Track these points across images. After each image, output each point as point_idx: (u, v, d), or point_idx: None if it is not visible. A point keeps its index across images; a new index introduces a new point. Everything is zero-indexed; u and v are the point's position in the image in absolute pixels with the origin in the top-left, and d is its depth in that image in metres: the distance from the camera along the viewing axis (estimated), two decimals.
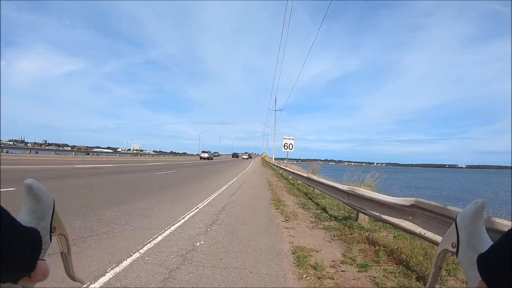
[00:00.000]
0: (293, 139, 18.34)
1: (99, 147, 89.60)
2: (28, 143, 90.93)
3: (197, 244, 3.57)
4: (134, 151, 74.57)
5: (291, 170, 14.00)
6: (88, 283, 2.39)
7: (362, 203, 4.32)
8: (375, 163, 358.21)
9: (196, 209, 5.73)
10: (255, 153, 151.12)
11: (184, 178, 12.19)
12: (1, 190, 5.56)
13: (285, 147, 18.12)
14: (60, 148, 64.27)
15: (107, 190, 7.29)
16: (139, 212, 5.04)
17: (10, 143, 68.07)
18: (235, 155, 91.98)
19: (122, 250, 3.16)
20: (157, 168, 16.66)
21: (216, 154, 71.41)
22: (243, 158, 74.79)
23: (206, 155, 49.37)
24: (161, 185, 9.11)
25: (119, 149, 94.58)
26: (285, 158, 21.86)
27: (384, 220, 3.59)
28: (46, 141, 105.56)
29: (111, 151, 67.43)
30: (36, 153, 30.38)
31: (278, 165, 27.17)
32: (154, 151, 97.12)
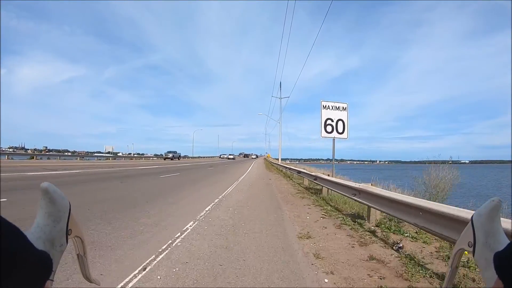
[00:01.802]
0: (345, 108, 7.70)
1: (100, 152, 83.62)
2: (28, 149, 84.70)
3: None
4: (107, 154, 68.07)
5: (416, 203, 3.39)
6: None
7: None
8: (377, 161, 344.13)
9: None
10: (258, 154, 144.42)
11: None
12: None
13: (327, 129, 7.46)
14: (60, 154, 58.20)
15: None
16: None
17: (10, 150, 61.79)
18: (246, 156, 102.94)
19: None
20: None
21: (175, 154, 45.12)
22: (252, 158, 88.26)
23: (231, 156, 60.18)
24: None
25: (120, 153, 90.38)
26: (288, 159, 12.94)
27: None
28: (46, 147, 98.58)
29: (112, 155, 64.22)
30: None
31: (293, 168, 16.88)
32: (155, 155, 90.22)
